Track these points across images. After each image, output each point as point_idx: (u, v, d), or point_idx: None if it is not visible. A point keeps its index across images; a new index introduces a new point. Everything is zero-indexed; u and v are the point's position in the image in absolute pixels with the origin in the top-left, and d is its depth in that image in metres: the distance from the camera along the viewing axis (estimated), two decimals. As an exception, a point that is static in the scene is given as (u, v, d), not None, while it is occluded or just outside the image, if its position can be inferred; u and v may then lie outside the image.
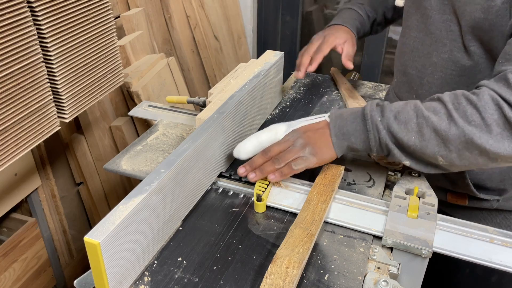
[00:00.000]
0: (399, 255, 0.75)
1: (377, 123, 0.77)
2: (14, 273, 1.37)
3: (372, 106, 0.79)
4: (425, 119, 0.73)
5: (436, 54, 0.91)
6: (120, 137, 1.66)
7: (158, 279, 0.68)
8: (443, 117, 0.72)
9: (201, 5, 2.16)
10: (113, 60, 1.24)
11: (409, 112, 0.75)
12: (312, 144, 0.81)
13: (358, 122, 0.79)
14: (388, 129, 0.76)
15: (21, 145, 1.01)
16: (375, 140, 0.78)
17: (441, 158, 0.74)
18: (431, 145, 0.73)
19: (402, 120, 0.75)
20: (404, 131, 0.75)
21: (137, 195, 0.65)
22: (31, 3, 0.95)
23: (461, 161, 0.73)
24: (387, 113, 0.77)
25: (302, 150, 0.81)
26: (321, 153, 0.81)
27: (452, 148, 0.72)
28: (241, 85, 0.99)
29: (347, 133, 0.80)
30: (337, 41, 1.10)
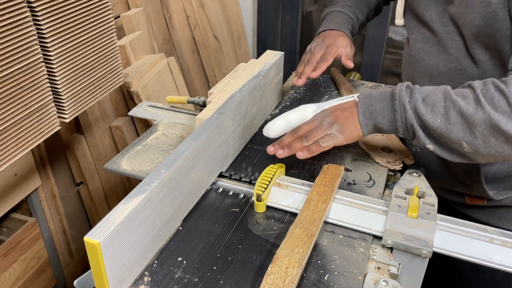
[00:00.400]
0: (399, 255, 0.74)
1: (404, 103, 0.77)
2: (14, 273, 1.37)
3: (402, 87, 0.79)
4: (452, 102, 0.73)
5: (443, 64, 0.92)
6: (120, 137, 1.66)
7: (158, 279, 0.68)
8: (470, 101, 0.72)
9: (201, 5, 2.16)
10: (113, 60, 1.24)
11: (438, 95, 0.75)
12: (339, 122, 0.83)
13: (386, 102, 0.80)
14: (415, 110, 0.76)
15: (21, 145, 1.01)
16: (402, 120, 0.78)
17: (466, 144, 0.73)
18: (456, 129, 0.73)
19: (429, 102, 0.75)
20: (430, 113, 0.75)
21: (137, 195, 0.65)
22: (31, 3, 0.95)
23: (486, 149, 0.73)
24: (415, 95, 0.77)
25: (330, 128, 0.82)
26: (349, 131, 0.83)
27: (477, 133, 0.72)
28: (241, 85, 0.99)
29: (374, 112, 0.81)
30: (339, 50, 1.10)
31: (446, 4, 0.89)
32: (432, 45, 0.94)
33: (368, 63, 2.35)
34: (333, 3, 1.24)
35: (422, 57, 0.97)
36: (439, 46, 0.93)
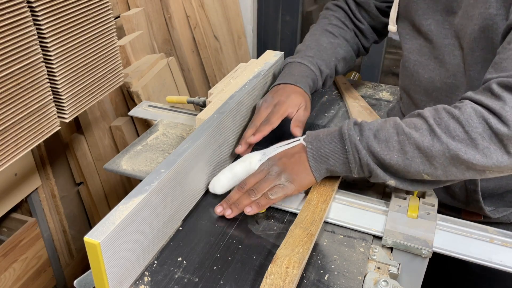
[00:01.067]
0: (399, 255, 0.75)
1: (356, 142, 0.73)
2: (14, 273, 1.37)
3: (350, 125, 0.75)
4: (406, 136, 0.70)
5: (440, 79, 0.87)
6: (120, 137, 1.66)
7: (158, 279, 0.68)
8: (425, 133, 0.69)
9: (201, 5, 2.16)
10: (113, 60, 1.24)
11: (389, 129, 0.72)
12: (288, 171, 0.78)
13: (336, 143, 0.76)
14: (368, 148, 0.73)
15: (21, 145, 1.01)
16: (355, 161, 0.74)
17: (426, 175, 0.71)
18: (415, 163, 0.70)
19: (382, 138, 0.72)
20: (385, 150, 0.71)
21: (137, 195, 0.65)
22: (31, 3, 0.95)
23: (448, 177, 0.71)
24: (366, 132, 0.74)
25: (278, 178, 0.77)
26: (299, 179, 0.78)
27: (437, 165, 0.69)
28: (241, 85, 0.99)
29: (325, 155, 0.77)
30: (289, 110, 0.93)
31: (447, 15, 0.83)
32: (428, 58, 0.89)
33: (368, 63, 2.35)
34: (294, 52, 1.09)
35: (417, 70, 0.91)
36: (435, 59, 0.87)
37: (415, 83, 0.93)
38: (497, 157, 0.65)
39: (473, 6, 0.77)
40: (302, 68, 1.02)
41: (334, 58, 1.07)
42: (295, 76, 1.00)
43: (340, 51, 1.08)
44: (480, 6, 0.75)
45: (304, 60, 1.03)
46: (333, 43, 1.08)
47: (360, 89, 1.30)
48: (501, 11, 0.73)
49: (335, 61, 1.07)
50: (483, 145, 0.65)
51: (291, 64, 1.04)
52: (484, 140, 0.65)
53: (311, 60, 1.03)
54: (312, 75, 1.02)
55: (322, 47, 1.06)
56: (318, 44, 1.07)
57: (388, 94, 1.29)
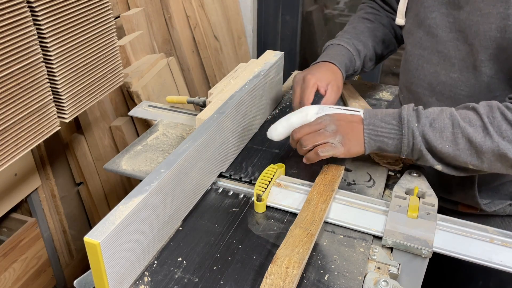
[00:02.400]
0: (399, 255, 0.74)
1: (413, 129, 0.77)
2: (14, 273, 1.37)
3: (409, 111, 0.79)
4: (460, 129, 0.75)
5: (445, 73, 0.89)
6: (120, 137, 1.66)
7: (158, 279, 0.68)
8: (478, 129, 0.74)
9: (201, 5, 2.16)
10: (113, 60, 1.24)
11: (445, 120, 0.76)
12: (343, 134, 0.81)
13: (393, 125, 0.80)
14: (423, 136, 0.77)
15: (21, 145, 1.01)
16: (408, 145, 0.78)
17: (472, 166, 0.76)
18: (464, 155, 0.75)
19: (437, 127, 0.76)
20: (439, 139, 0.76)
21: (137, 195, 0.65)
22: (31, 3, 0.95)
23: (491, 170, 0.77)
24: (423, 119, 0.77)
25: (333, 137, 0.80)
26: (350, 145, 0.81)
27: (485, 159, 0.74)
28: (241, 85, 0.99)
29: (380, 134, 0.80)
30: (319, 83, 0.95)
31: (452, 8, 0.84)
32: (431, 52, 0.90)
33: (368, 63, 2.35)
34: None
35: (421, 64, 0.93)
36: (439, 53, 0.88)
37: (419, 77, 0.94)
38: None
39: (489, 4, 0.77)
40: (338, 48, 1.06)
41: (371, 40, 1.10)
42: (330, 55, 1.04)
43: (377, 34, 1.11)
44: (499, 6, 0.76)
45: (341, 41, 1.07)
46: (370, 27, 1.11)
47: (360, 89, 1.30)
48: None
49: (373, 43, 1.10)
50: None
51: (328, 47, 1.09)
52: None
53: (348, 41, 1.07)
54: (348, 53, 1.05)
55: (359, 31, 1.10)
56: (355, 29, 1.11)
57: (388, 94, 1.29)
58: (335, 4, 2.47)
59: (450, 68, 0.87)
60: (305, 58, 2.62)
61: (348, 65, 1.04)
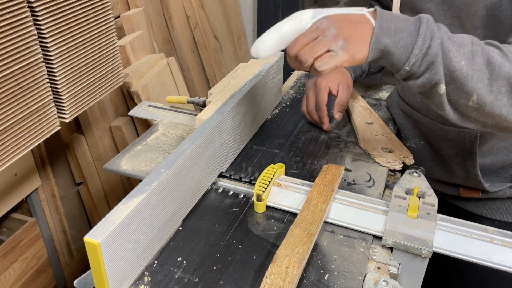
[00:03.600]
0: (399, 255, 0.75)
1: (433, 29, 0.67)
2: (14, 273, 1.37)
3: (429, 16, 0.69)
4: (481, 47, 0.68)
5: None
6: (120, 137, 1.66)
7: (158, 279, 0.68)
8: (498, 53, 0.68)
9: (201, 5, 2.16)
10: (113, 60, 1.24)
11: (464, 38, 0.69)
12: (346, 37, 0.67)
13: (409, 23, 0.68)
14: (442, 43, 0.67)
15: (21, 145, 1.01)
16: (423, 47, 0.67)
17: (475, 97, 0.68)
18: (476, 77, 0.67)
19: (456, 42, 0.68)
20: (456, 52, 0.67)
21: (137, 195, 0.65)
22: (31, 3, 0.95)
23: (492, 108, 0.69)
24: (443, 29, 0.69)
25: (335, 42, 0.67)
26: (354, 49, 0.68)
27: (495, 88, 0.67)
28: (241, 85, 0.99)
29: (393, 29, 0.68)
30: (330, 84, 0.97)
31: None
32: None
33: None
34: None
35: None
36: None
37: None
38: None
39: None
40: None
41: None
42: None
43: None
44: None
45: None
46: None
47: (360, 89, 1.30)
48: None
49: None
50: None
51: None
52: None
53: None
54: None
55: None
56: None
57: (388, 94, 1.29)
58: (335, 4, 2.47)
59: None
60: (305, 58, 2.62)
61: (355, 67, 1.06)
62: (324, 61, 0.67)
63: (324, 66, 0.67)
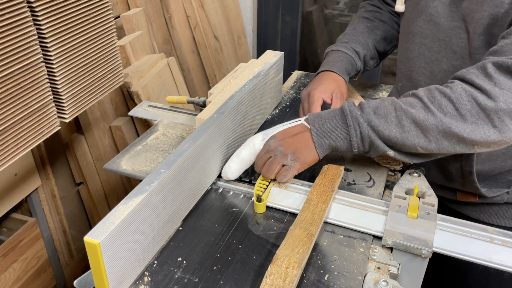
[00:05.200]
0: (399, 255, 0.75)
1: (357, 117, 0.79)
2: (14, 273, 1.37)
3: (350, 103, 0.81)
4: (403, 111, 0.76)
5: (446, 61, 0.90)
6: (120, 137, 1.66)
7: (158, 279, 0.68)
8: (420, 109, 0.75)
9: (201, 5, 2.16)
10: (113, 60, 1.24)
11: (387, 106, 0.78)
12: (293, 149, 0.82)
13: (337, 119, 0.81)
14: (369, 123, 0.78)
15: (21, 145, 1.01)
16: (356, 134, 0.79)
17: (420, 149, 0.77)
18: (411, 136, 0.76)
19: (381, 114, 0.78)
20: (384, 124, 0.77)
21: (137, 195, 0.65)
22: (31, 3, 0.95)
23: (440, 150, 0.77)
24: (366, 109, 0.79)
25: (285, 157, 0.81)
26: (303, 157, 0.82)
27: (431, 138, 0.75)
28: (241, 85, 0.99)
29: (327, 131, 0.81)
30: (323, 95, 1.00)
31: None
32: (432, 40, 0.91)
33: (368, 63, 2.35)
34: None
35: (422, 52, 0.94)
36: (440, 41, 0.90)
37: (420, 65, 0.95)
38: (484, 131, 0.72)
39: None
40: (337, 54, 1.09)
41: (371, 39, 1.12)
42: (330, 63, 1.07)
43: (377, 32, 1.13)
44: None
45: (339, 46, 1.10)
46: (369, 26, 1.13)
47: (360, 89, 1.30)
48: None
49: (373, 42, 1.12)
50: (472, 120, 0.72)
51: (328, 53, 1.12)
52: (472, 116, 0.72)
53: (345, 45, 1.10)
54: (347, 58, 1.08)
55: (358, 31, 1.12)
56: (354, 30, 1.13)
57: (387, 94, 1.29)
58: (335, 4, 2.47)
59: (452, 56, 0.89)
60: (305, 58, 2.62)
61: (349, 69, 1.08)
62: (283, 175, 0.82)
63: (284, 179, 0.83)
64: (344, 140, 0.81)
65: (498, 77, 0.71)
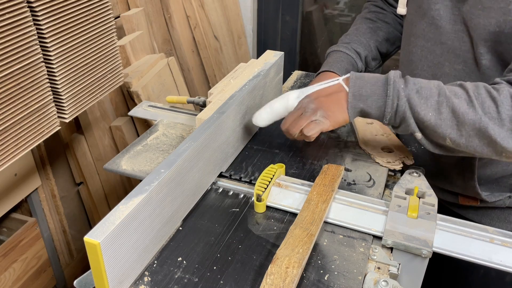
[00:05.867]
0: (399, 255, 0.75)
1: (399, 90, 0.77)
2: (14, 273, 1.37)
3: (396, 74, 0.79)
4: (446, 98, 0.75)
5: (449, 64, 0.89)
6: (120, 137, 1.66)
7: (158, 279, 0.68)
8: (463, 101, 0.74)
9: (201, 5, 2.16)
10: (113, 60, 1.24)
11: (432, 89, 0.76)
12: (324, 108, 0.82)
13: (378, 86, 0.79)
14: (408, 99, 0.77)
15: (21, 145, 1.01)
16: (392, 106, 0.78)
17: (449, 140, 0.76)
18: (445, 125, 0.75)
19: (423, 95, 0.76)
20: (423, 105, 0.76)
21: (137, 195, 0.65)
22: (31, 3, 0.95)
23: (467, 148, 0.76)
24: (410, 85, 0.78)
25: (314, 114, 0.82)
26: (334, 116, 0.82)
27: (464, 132, 0.74)
28: (241, 85, 0.99)
29: (365, 94, 0.80)
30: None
31: (457, 1, 0.85)
32: (434, 44, 0.90)
33: (368, 63, 2.35)
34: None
35: (424, 55, 0.93)
36: (442, 45, 0.89)
37: (422, 68, 0.95)
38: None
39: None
40: (338, 55, 1.09)
41: (373, 40, 1.11)
42: (330, 63, 1.07)
43: (380, 33, 1.12)
44: (501, 1, 0.77)
45: (340, 47, 1.10)
46: (372, 27, 1.12)
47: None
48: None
49: (375, 43, 1.11)
50: (509, 127, 0.71)
51: (329, 54, 1.12)
52: (511, 123, 0.71)
53: (347, 45, 1.09)
54: (348, 58, 1.08)
55: (360, 32, 1.12)
56: (356, 31, 1.13)
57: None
58: (335, 4, 2.47)
59: (455, 59, 0.88)
60: (305, 58, 2.62)
61: (349, 69, 1.07)
62: (311, 127, 0.82)
63: (311, 131, 0.82)
64: (379, 109, 0.79)
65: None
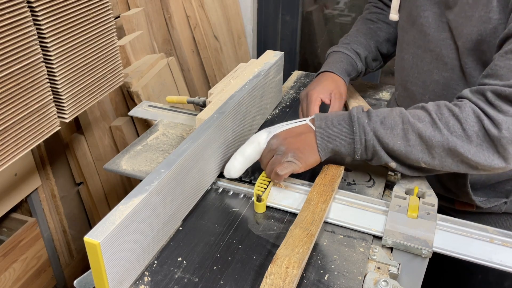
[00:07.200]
0: (399, 255, 0.75)
1: (364, 125, 0.78)
2: (14, 273, 1.37)
3: (359, 110, 0.80)
4: (410, 125, 0.75)
5: (438, 72, 0.89)
6: (120, 137, 1.66)
7: (158, 279, 0.68)
8: (427, 124, 0.74)
9: (201, 5, 2.16)
10: (113, 60, 1.24)
11: (395, 117, 0.77)
12: (294, 149, 0.81)
13: (344, 124, 0.80)
14: (375, 132, 0.77)
15: (21, 145, 1.01)
16: (361, 142, 0.78)
17: (423, 164, 0.77)
18: (415, 151, 0.75)
19: (388, 125, 0.77)
20: (390, 135, 0.76)
21: (137, 195, 0.65)
22: (31, 3, 0.95)
23: (442, 168, 0.77)
24: (373, 117, 0.78)
25: (285, 157, 0.80)
26: (305, 158, 0.81)
27: (435, 155, 0.75)
28: (241, 85, 0.99)
29: (332, 134, 0.80)
30: (321, 96, 1.00)
31: (445, 8, 0.85)
32: (424, 51, 0.90)
33: (368, 63, 2.35)
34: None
35: (416, 63, 0.93)
36: (431, 52, 0.89)
37: (414, 75, 0.95)
38: (488, 155, 0.71)
39: (472, 7, 0.78)
40: (337, 55, 1.09)
41: (374, 41, 1.12)
42: (330, 64, 1.08)
43: (380, 33, 1.12)
44: (481, 9, 0.77)
45: (340, 48, 1.10)
46: (372, 28, 1.13)
47: (360, 89, 1.30)
48: (502, 17, 0.75)
49: (375, 44, 1.12)
50: (477, 142, 0.71)
51: (329, 55, 1.12)
52: (478, 138, 0.71)
53: (346, 46, 1.10)
54: (348, 59, 1.08)
55: (361, 33, 1.12)
56: (357, 32, 1.13)
57: (388, 94, 1.29)
58: (335, 4, 2.47)
59: (443, 67, 0.88)
60: (305, 58, 2.62)
61: (349, 70, 1.08)
62: (284, 166, 0.80)
63: (283, 171, 0.79)
64: (348, 146, 0.80)
65: (500, 104, 0.70)
